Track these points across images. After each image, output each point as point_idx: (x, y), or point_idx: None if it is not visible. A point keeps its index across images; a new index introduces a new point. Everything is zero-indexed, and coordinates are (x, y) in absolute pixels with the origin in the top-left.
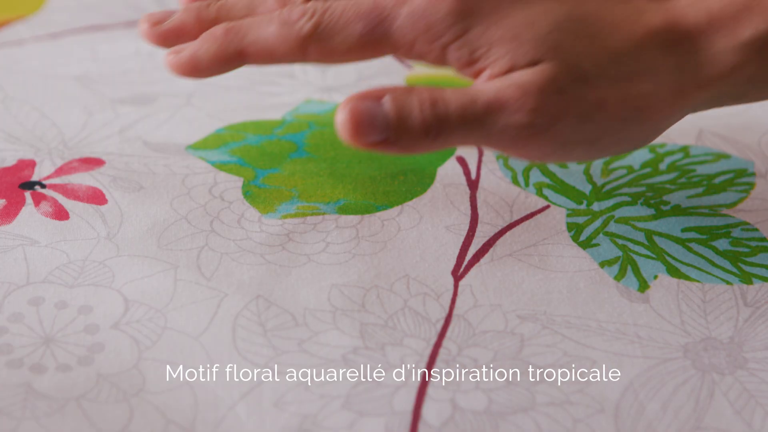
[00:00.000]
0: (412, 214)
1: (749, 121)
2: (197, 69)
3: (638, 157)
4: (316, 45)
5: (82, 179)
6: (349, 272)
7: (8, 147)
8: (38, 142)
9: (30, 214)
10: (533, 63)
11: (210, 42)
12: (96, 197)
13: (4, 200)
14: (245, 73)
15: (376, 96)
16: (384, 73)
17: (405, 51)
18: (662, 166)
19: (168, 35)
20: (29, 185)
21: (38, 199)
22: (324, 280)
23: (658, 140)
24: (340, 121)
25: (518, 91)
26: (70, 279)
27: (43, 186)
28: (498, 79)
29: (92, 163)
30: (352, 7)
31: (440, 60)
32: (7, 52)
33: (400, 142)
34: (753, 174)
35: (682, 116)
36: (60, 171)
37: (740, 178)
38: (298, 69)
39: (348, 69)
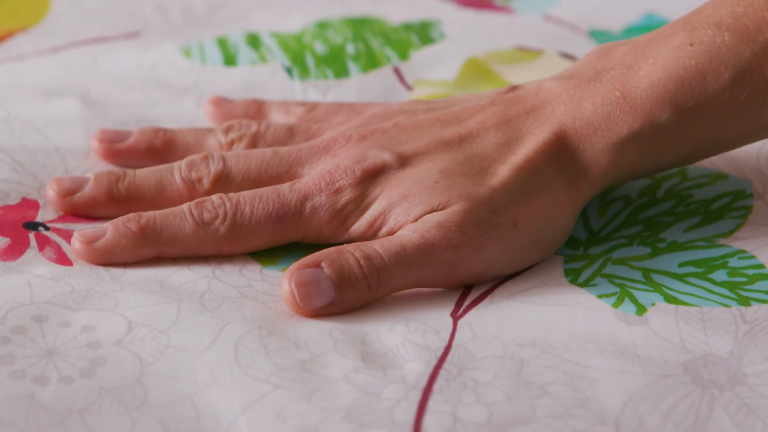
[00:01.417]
0: None
1: None
2: (111, 261)
3: (636, 185)
4: (231, 244)
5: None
6: (350, 318)
7: (12, 178)
8: (41, 172)
9: (34, 256)
10: (440, 209)
11: (126, 239)
12: None
13: (8, 239)
14: None
15: (313, 263)
16: (384, 96)
17: (313, 238)
18: (660, 194)
19: (78, 209)
20: (33, 225)
21: (42, 243)
22: (324, 324)
23: None
24: (287, 291)
25: (440, 230)
26: (74, 304)
27: (47, 228)
28: (416, 224)
29: None
30: (260, 206)
31: (346, 238)
32: (9, 66)
33: (345, 300)
34: (750, 195)
35: (580, 210)
36: (63, 218)
37: (738, 202)
38: (299, 93)
39: (349, 95)
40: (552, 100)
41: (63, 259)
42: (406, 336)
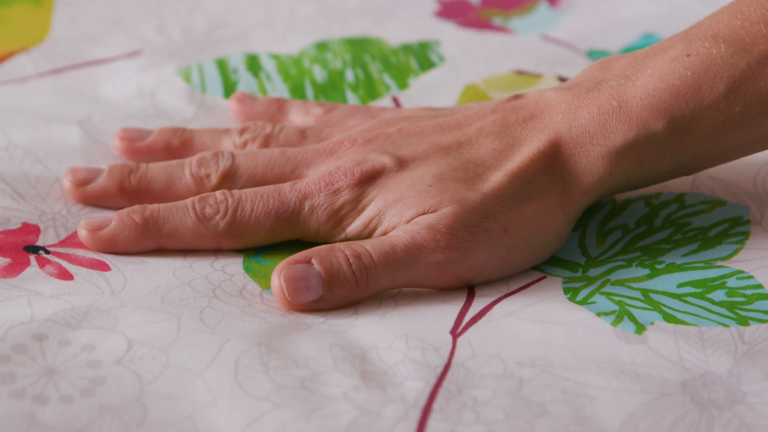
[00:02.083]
0: (409, 292)
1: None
2: (113, 249)
3: (634, 214)
4: (230, 240)
5: (85, 252)
6: (349, 337)
7: (13, 206)
8: (42, 204)
9: (35, 273)
10: (431, 211)
11: (129, 229)
12: (99, 265)
13: (8, 259)
14: None
15: (304, 259)
16: None
17: (311, 237)
18: (657, 222)
19: (89, 199)
20: (34, 249)
21: (42, 263)
22: (324, 339)
23: (655, 189)
24: (276, 286)
25: (430, 231)
26: (74, 322)
27: (47, 252)
28: (407, 225)
29: None
30: (261, 204)
31: (343, 238)
32: (11, 89)
33: (334, 297)
34: (748, 222)
35: (575, 219)
36: (64, 243)
37: (735, 228)
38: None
39: None
40: (550, 108)
41: (64, 275)
42: (406, 353)
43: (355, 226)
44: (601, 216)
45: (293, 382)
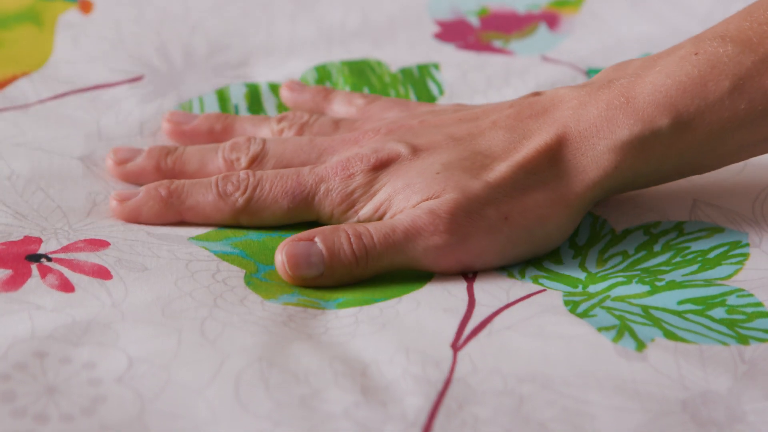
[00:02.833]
0: (410, 302)
1: (743, 182)
2: (138, 219)
3: (634, 241)
4: (247, 216)
5: (88, 257)
6: (350, 349)
7: (15, 222)
8: (44, 222)
9: (36, 284)
10: (435, 197)
11: (153, 200)
12: (101, 273)
13: (10, 270)
14: None
15: (308, 237)
16: None
17: (326, 219)
18: (656, 247)
19: (128, 176)
20: (35, 257)
21: (44, 272)
22: (325, 352)
23: (653, 219)
24: (279, 261)
25: (430, 216)
26: (75, 338)
27: (49, 259)
28: (412, 209)
29: (97, 244)
30: (279, 184)
31: (355, 221)
32: (14, 117)
33: (334, 274)
34: (747, 245)
35: (581, 214)
36: (66, 249)
37: (735, 250)
38: None
39: None
40: (562, 104)
41: (65, 285)
42: (407, 367)
43: (366, 209)
44: (601, 245)
45: (294, 399)
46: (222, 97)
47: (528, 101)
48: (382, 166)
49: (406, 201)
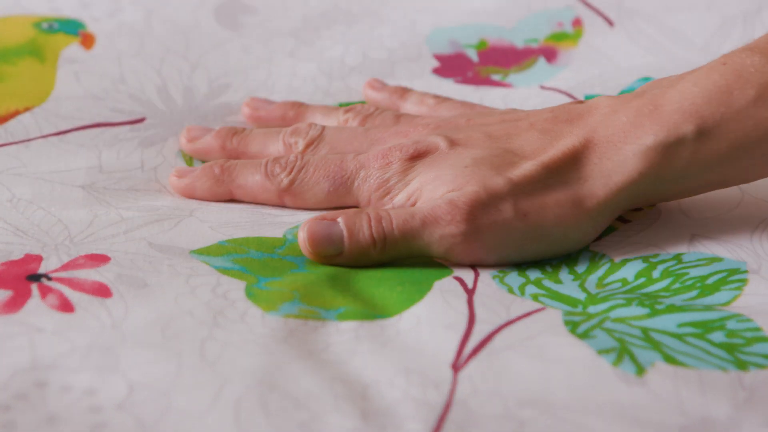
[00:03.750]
0: (410, 319)
1: (740, 216)
2: (192, 195)
3: (633, 269)
4: (291, 197)
5: (88, 275)
6: (350, 370)
7: (16, 240)
8: (44, 236)
9: (36, 305)
10: (458, 189)
11: (207, 177)
12: (101, 291)
13: (11, 291)
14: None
15: (332, 217)
16: None
17: (365, 204)
18: (655, 274)
19: (196, 153)
20: (36, 278)
21: (44, 292)
22: (325, 372)
23: (651, 251)
24: (302, 238)
25: (449, 206)
26: (75, 364)
27: (49, 279)
28: (433, 199)
29: (98, 259)
30: (323, 167)
31: (390, 208)
32: (16, 152)
33: (353, 255)
34: (746, 271)
35: (603, 221)
36: (66, 266)
37: (733, 276)
38: None
39: None
40: (596, 110)
41: (65, 305)
42: (407, 390)
43: (400, 197)
44: (600, 272)
45: (293, 426)
46: None
47: (568, 107)
48: (419, 156)
49: (434, 191)
